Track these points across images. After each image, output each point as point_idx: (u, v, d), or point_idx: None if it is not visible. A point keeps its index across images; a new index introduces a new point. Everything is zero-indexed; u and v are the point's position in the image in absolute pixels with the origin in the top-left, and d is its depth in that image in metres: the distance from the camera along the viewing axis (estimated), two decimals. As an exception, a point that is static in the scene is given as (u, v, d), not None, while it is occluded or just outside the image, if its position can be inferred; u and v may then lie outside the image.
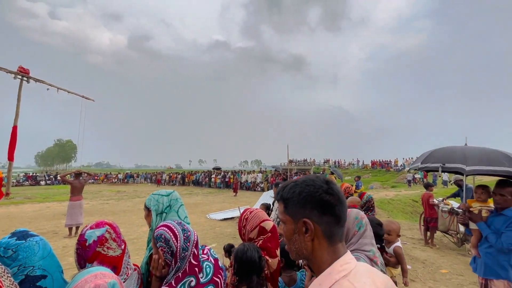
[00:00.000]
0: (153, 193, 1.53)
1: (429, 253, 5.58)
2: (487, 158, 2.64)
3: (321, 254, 0.71)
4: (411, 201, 13.73)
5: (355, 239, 1.60)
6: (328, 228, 0.71)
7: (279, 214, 0.80)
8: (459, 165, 2.68)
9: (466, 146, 3.00)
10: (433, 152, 3.04)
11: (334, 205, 0.72)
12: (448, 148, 2.97)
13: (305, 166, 38.74)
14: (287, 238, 0.75)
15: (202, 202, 13.87)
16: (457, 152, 2.85)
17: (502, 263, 2.26)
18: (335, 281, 0.65)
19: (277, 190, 0.83)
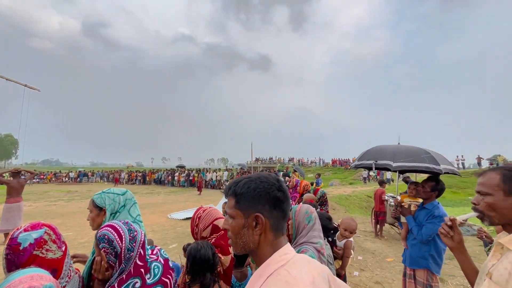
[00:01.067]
0: (104, 191, 1.45)
1: (378, 244, 6.11)
2: (412, 156, 2.90)
3: (265, 247, 0.76)
4: (366, 197, 14.83)
5: (305, 232, 1.69)
6: (275, 223, 0.77)
7: (228, 209, 0.81)
8: (387, 162, 2.92)
9: (398, 144, 3.26)
10: (369, 150, 3.29)
11: (283, 201, 0.79)
12: (382, 146, 3.21)
13: (271, 164, 39.47)
14: (235, 232, 0.78)
15: (164, 201, 13.34)
16: (388, 150, 3.09)
17: (423, 253, 2.48)
18: (274, 271, 0.70)
19: (229, 185, 0.84)
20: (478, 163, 25.06)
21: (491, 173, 1.09)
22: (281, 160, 41.94)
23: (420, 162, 2.77)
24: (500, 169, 1.08)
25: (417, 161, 2.79)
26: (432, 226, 2.42)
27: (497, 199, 1.04)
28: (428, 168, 2.68)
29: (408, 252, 2.66)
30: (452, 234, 1.23)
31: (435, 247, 2.45)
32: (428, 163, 2.71)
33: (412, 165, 2.83)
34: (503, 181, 1.04)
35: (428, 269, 2.45)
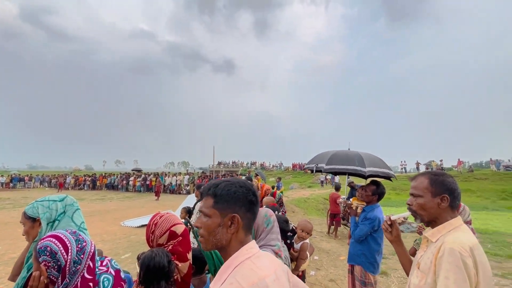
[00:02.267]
0: (38, 200, 1.30)
1: (333, 244, 6.49)
2: (345, 159, 3.15)
3: (236, 244, 0.84)
4: (323, 199, 15.66)
5: (264, 235, 1.75)
6: (247, 223, 0.87)
7: (205, 208, 0.87)
8: (322, 165, 3.18)
9: (345, 150, 3.49)
10: (317, 155, 3.54)
11: (255, 205, 0.90)
12: (329, 151, 3.45)
13: (234, 168, 39.34)
14: (209, 230, 0.84)
15: (117, 208, 12.36)
16: (328, 154, 3.33)
17: (357, 251, 2.72)
18: (240, 262, 0.80)
19: (208, 186, 0.91)
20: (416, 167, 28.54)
21: (421, 178, 1.27)
22: (243, 164, 42.12)
23: (349, 165, 3.02)
24: (428, 174, 1.26)
25: (348, 164, 3.04)
26: (363, 227, 2.65)
27: (426, 200, 1.20)
28: (355, 170, 2.95)
29: (349, 249, 2.89)
30: (390, 229, 1.43)
31: (368, 247, 2.66)
32: (356, 165, 2.96)
33: (341, 167, 3.09)
34: (430, 184, 1.21)
35: (361, 267, 2.65)
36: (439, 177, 1.22)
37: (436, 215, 1.19)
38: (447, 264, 1.01)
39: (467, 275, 0.98)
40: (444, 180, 1.20)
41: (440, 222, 1.18)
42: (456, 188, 1.20)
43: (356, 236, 2.71)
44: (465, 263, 0.99)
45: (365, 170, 2.90)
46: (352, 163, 3.06)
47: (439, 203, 1.18)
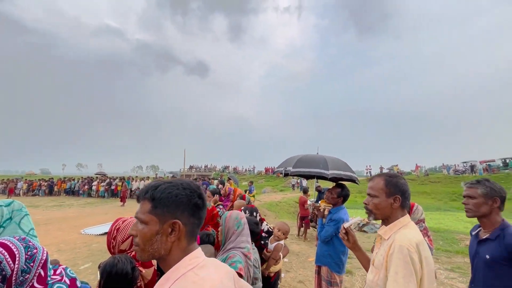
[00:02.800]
0: None
1: (302, 246, 6.65)
2: (311, 162, 3.29)
3: (177, 253, 0.76)
4: (294, 203, 15.98)
5: (234, 237, 1.75)
6: (191, 229, 0.79)
7: (141, 214, 0.78)
8: (289, 168, 3.31)
9: (314, 154, 3.63)
10: (287, 159, 3.65)
11: (201, 209, 0.82)
12: (298, 155, 3.57)
13: (206, 172, 38.65)
14: (146, 239, 0.75)
15: (77, 215, 11.46)
16: (296, 158, 3.45)
17: (324, 252, 2.81)
18: (182, 274, 0.72)
19: (146, 188, 0.81)
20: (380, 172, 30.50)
21: (377, 179, 1.37)
22: (216, 168, 41.58)
23: (314, 168, 3.14)
24: (384, 176, 1.37)
25: (312, 167, 3.17)
26: (328, 228, 2.76)
27: (381, 200, 1.31)
28: (318, 172, 3.08)
29: (316, 251, 2.99)
30: (347, 237, 1.51)
31: (333, 247, 2.76)
32: (320, 168, 3.09)
33: (305, 170, 3.20)
34: (385, 185, 1.31)
35: (328, 267, 2.74)
36: (393, 179, 1.32)
37: (389, 214, 1.30)
38: (396, 260, 1.11)
39: (413, 269, 1.08)
40: (397, 182, 1.31)
41: (392, 220, 1.29)
42: (407, 189, 1.31)
43: (322, 237, 2.81)
44: (412, 258, 1.09)
45: (328, 173, 3.04)
46: (317, 166, 3.18)
47: (392, 203, 1.28)
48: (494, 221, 1.63)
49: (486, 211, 1.64)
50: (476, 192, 1.67)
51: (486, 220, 1.66)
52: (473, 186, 1.72)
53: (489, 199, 1.63)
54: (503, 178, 20.91)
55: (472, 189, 1.71)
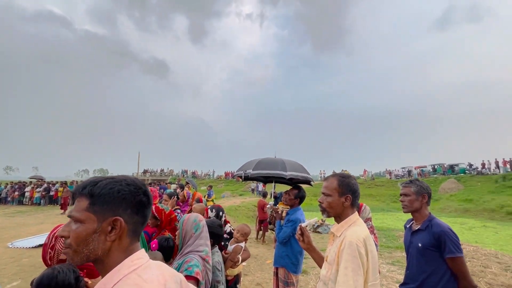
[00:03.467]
0: None
1: (261, 248, 6.74)
2: (270, 164, 3.43)
3: (118, 254, 0.71)
4: (253, 207, 16.12)
5: (192, 241, 1.70)
6: (134, 227, 0.74)
7: (76, 212, 0.70)
8: (249, 171, 3.40)
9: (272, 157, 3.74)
10: (247, 162, 3.73)
11: (146, 207, 0.77)
12: (258, 159, 3.67)
13: (162, 177, 36.76)
14: (80, 239, 0.67)
15: (4, 225, 9.83)
16: (255, 161, 3.55)
17: (281, 253, 2.88)
18: (123, 276, 0.66)
19: (83, 184, 0.74)
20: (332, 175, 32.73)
21: (332, 179, 1.47)
22: (173, 172, 39.81)
23: (273, 170, 3.28)
24: (337, 176, 1.48)
25: (271, 169, 3.31)
26: (286, 229, 2.84)
27: (334, 199, 1.41)
28: (277, 174, 3.23)
29: (274, 252, 3.05)
30: (302, 238, 1.56)
31: (291, 248, 2.84)
32: (280, 170, 3.24)
33: (265, 172, 3.32)
34: (338, 185, 1.42)
35: (285, 268, 2.82)
36: (345, 179, 1.44)
37: (340, 212, 1.41)
38: (346, 255, 1.21)
39: (361, 262, 1.19)
40: (349, 182, 1.43)
41: (343, 218, 1.40)
42: (357, 189, 1.44)
43: (280, 239, 2.89)
44: (360, 252, 1.20)
45: (286, 174, 3.18)
46: (276, 168, 3.30)
47: (344, 201, 1.39)
48: (424, 214, 1.91)
49: (418, 206, 1.90)
50: (410, 190, 1.94)
51: (418, 214, 1.93)
52: (407, 185, 1.99)
53: (420, 195, 1.91)
54: (432, 181, 24.09)
55: (407, 188, 1.97)
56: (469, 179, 22.58)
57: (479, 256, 5.76)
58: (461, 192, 20.62)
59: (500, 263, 5.27)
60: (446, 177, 24.61)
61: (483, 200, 17.71)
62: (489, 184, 20.21)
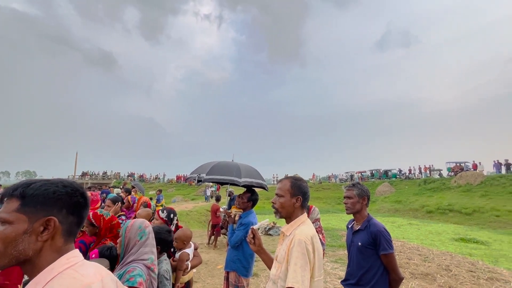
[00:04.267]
0: None
1: (212, 254, 6.60)
2: (225, 169, 3.36)
3: (50, 254, 0.70)
4: (206, 211, 15.75)
5: (136, 248, 1.58)
6: (69, 228, 0.74)
7: (4, 213, 0.68)
8: (203, 175, 3.30)
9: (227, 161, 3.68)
10: (201, 165, 3.61)
11: (83, 207, 0.78)
12: (210, 162, 3.58)
13: (104, 180, 33.40)
14: (8, 240, 0.65)
15: None
16: (210, 165, 3.46)
17: (233, 257, 2.86)
18: (58, 273, 0.67)
19: (15, 186, 0.72)
20: (285, 180, 34.05)
21: (285, 181, 1.55)
22: (118, 176, 36.48)
23: (227, 175, 3.23)
24: (290, 178, 1.56)
25: (226, 174, 3.26)
26: (238, 233, 2.84)
27: (286, 200, 1.47)
28: (232, 180, 3.19)
29: (226, 257, 3.02)
30: (254, 241, 1.59)
31: (242, 252, 2.84)
32: (234, 176, 3.21)
33: (219, 178, 3.26)
34: (291, 187, 1.50)
35: (236, 272, 2.80)
36: (297, 181, 1.53)
37: (291, 212, 1.48)
38: (295, 252, 1.27)
39: (308, 259, 1.26)
40: (300, 185, 1.52)
41: (293, 218, 1.47)
42: (307, 191, 1.53)
43: (232, 242, 2.87)
44: (308, 249, 1.28)
45: (240, 181, 3.16)
46: (230, 173, 3.25)
47: (295, 202, 1.47)
48: (364, 215, 2.11)
49: (359, 208, 2.10)
50: (353, 193, 2.13)
51: (359, 215, 2.12)
52: (350, 188, 2.18)
53: (361, 198, 2.10)
54: (370, 185, 26.92)
55: (350, 191, 2.16)
56: (399, 183, 25.85)
57: (405, 250, 6.61)
58: (393, 195, 23.47)
59: (420, 255, 6.13)
60: (382, 181, 27.77)
61: (409, 201, 20.46)
62: (414, 187, 23.46)
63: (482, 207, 15.84)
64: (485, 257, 7.60)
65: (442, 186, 21.38)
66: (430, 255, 6.11)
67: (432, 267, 5.18)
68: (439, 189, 21.18)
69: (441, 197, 19.57)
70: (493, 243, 9.87)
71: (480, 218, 14.94)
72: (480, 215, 15.20)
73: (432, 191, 21.23)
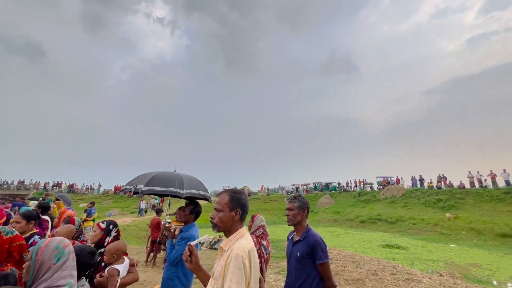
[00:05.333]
0: None
1: (150, 273, 6.04)
2: (166, 180, 3.14)
3: None
4: (146, 226, 14.49)
5: (50, 273, 1.33)
6: None
7: None
8: (140, 186, 3.02)
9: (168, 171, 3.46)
10: (139, 176, 3.30)
11: None
12: (150, 172, 3.30)
13: (21, 191, 28.16)
14: None
15: None
16: (150, 175, 3.19)
17: (171, 275, 2.66)
18: None
19: None
20: (234, 192, 33.94)
21: (223, 194, 1.50)
22: (38, 185, 31.17)
23: (168, 187, 3.03)
24: (229, 191, 1.51)
25: (167, 185, 3.05)
26: (179, 248, 2.67)
27: (224, 214, 1.43)
28: (173, 192, 3.01)
29: (163, 274, 2.78)
30: (190, 259, 1.47)
31: (182, 268, 2.65)
32: (176, 187, 3.03)
33: (159, 189, 3.04)
34: (230, 200, 1.46)
35: None
36: (236, 194, 1.49)
37: (230, 226, 1.44)
38: (232, 268, 1.24)
39: (244, 273, 1.24)
40: (239, 198, 1.49)
41: (232, 232, 1.44)
42: (246, 203, 1.51)
43: (171, 259, 2.67)
44: (244, 264, 1.25)
45: (183, 192, 3.01)
46: (172, 185, 3.06)
47: (234, 216, 1.44)
48: (303, 226, 2.21)
49: (299, 219, 2.19)
50: (294, 205, 2.22)
51: (299, 226, 2.21)
52: (292, 200, 2.27)
53: (301, 210, 2.21)
54: (313, 197, 28.67)
55: (292, 203, 2.25)
56: (338, 195, 28.16)
57: (341, 258, 7.15)
58: (332, 206, 25.39)
59: (354, 262, 6.69)
60: (323, 193, 29.85)
61: (346, 212, 22.39)
62: (351, 199, 25.84)
63: (403, 217, 18.30)
64: (404, 261, 8.72)
65: (373, 198, 24.09)
66: (361, 261, 6.73)
67: (362, 273, 5.70)
68: (370, 201, 23.79)
69: (371, 208, 21.97)
70: (411, 247, 11.41)
71: (401, 226, 17.19)
72: (401, 224, 17.51)
73: (365, 203, 23.70)
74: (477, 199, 18.40)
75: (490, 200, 17.82)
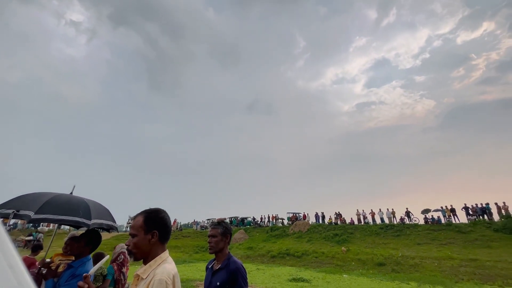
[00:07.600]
0: None
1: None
2: (67, 207, 2.57)
3: None
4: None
5: None
6: None
7: None
8: (27, 212, 2.31)
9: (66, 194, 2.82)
10: (21, 196, 2.55)
11: None
12: (40, 193, 2.61)
13: None
14: None
15: None
16: (42, 198, 2.53)
17: None
18: None
19: None
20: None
21: (138, 217, 1.32)
22: None
23: (71, 216, 2.50)
24: (144, 213, 1.34)
25: (69, 214, 2.51)
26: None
27: (140, 238, 1.25)
28: (77, 222, 2.51)
29: None
30: None
31: None
32: (80, 217, 2.53)
33: (59, 218, 2.44)
34: (144, 222, 1.29)
35: None
36: (151, 214, 1.33)
37: (148, 251, 1.26)
38: None
39: None
40: (156, 217, 1.33)
41: (152, 257, 1.26)
42: (166, 223, 1.35)
43: None
44: None
45: (90, 223, 2.47)
46: (75, 213, 2.49)
47: (150, 238, 1.27)
48: (225, 254, 2.12)
49: (222, 246, 2.10)
50: (218, 231, 2.13)
51: (221, 254, 2.11)
52: (215, 227, 2.18)
53: (224, 236, 2.13)
54: (228, 232, 28.06)
55: (215, 229, 2.16)
56: (252, 230, 28.58)
57: (253, 294, 7.02)
58: (246, 241, 25.40)
59: (265, 297, 6.66)
60: (238, 228, 29.76)
61: (258, 247, 22.72)
62: (263, 234, 26.58)
63: (308, 250, 19.90)
64: (308, 293, 9.25)
65: (283, 233, 25.50)
66: (272, 296, 6.77)
67: (273, 308, 5.71)
68: (281, 236, 25.05)
69: (282, 242, 23.09)
70: (313, 280, 12.32)
71: (306, 259, 18.57)
72: (306, 257, 18.93)
73: (276, 238, 24.77)
74: (362, 233, 21.99)
75: (371, 234, 21.59)
